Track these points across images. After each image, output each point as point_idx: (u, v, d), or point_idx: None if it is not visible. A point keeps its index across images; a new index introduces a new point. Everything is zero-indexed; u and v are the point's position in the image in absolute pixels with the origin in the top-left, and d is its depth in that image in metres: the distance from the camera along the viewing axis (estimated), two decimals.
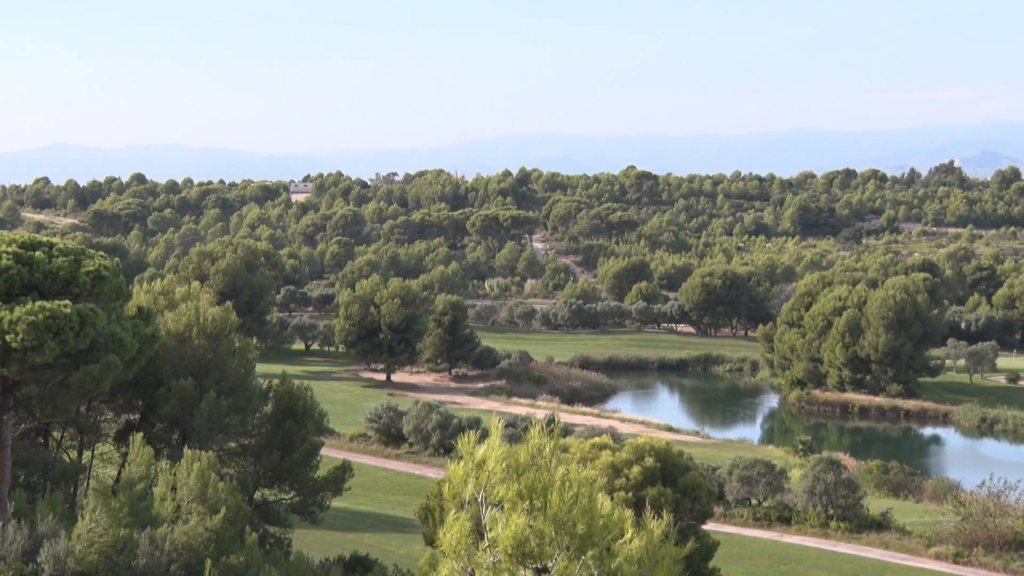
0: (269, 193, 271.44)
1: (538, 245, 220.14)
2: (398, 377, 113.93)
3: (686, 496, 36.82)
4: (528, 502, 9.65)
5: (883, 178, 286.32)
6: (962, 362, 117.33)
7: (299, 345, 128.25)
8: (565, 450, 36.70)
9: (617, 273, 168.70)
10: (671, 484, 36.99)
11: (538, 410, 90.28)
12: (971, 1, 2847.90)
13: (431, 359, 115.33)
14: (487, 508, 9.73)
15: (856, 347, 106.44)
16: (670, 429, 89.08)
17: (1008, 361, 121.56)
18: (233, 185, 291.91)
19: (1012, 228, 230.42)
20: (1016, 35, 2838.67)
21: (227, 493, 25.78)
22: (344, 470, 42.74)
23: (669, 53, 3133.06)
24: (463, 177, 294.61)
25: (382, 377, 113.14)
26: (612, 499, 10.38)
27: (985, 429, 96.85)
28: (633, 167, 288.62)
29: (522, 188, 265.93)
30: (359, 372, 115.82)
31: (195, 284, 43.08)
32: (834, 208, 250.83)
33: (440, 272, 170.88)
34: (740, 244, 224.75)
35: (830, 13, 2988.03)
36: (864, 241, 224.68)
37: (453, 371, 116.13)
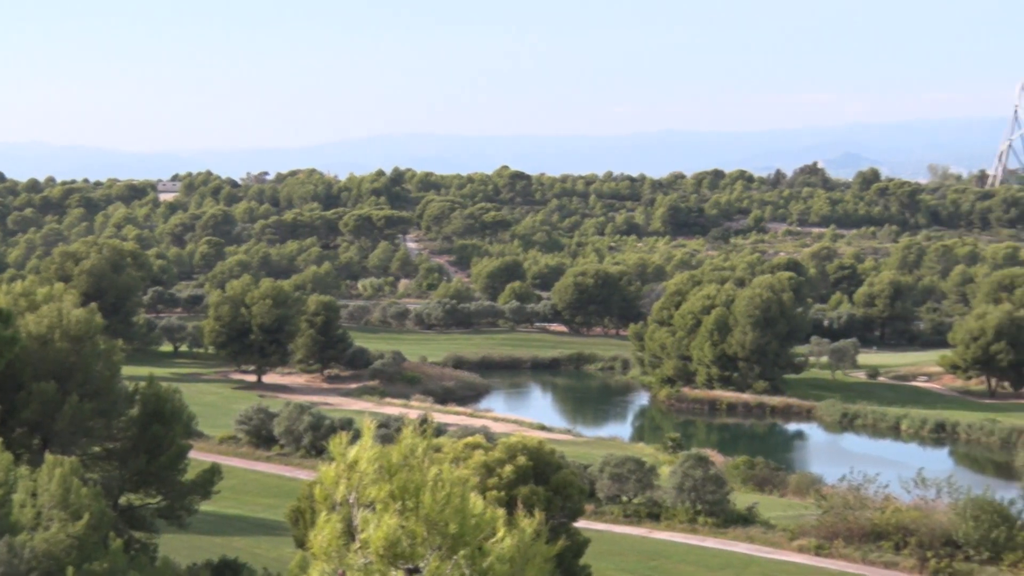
0: (136, 192, 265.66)
1: (412, 245, 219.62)
2: (269, 378, 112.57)
3: (558, 494, 37.15)
4: (400, 503, 9.64)
5: (750, 179, 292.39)
6: (825, 359, 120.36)
7: (167, 347, 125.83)
8: (438, 450, 36.71)
9: (491, 273, 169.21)
10: (543, 482, 37.27)
11: (411, 410, 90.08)
12: (834, 8, 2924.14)
13: (303, 360, 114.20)
14: (359, 509, 9.70)
15: (724, 345, 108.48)
16: (543, 428, 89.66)
17: (868, 358, 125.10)
18: (98, 184, 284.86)
19: (872, 228, 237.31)
20: (875, 40, 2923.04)
21: (90, 498, 25.21)
22: (213, 473, 42.11)
23: (542, 53, 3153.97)
24: (336, 177, 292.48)
25: (253, 379, 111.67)
26: (485, 498, 10.42)
27: (846, 424, 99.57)
28: (506, 167, 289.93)
29: (396, 188, 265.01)
30: (229, 374, 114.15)
31: (58, 285, 42.03)
32: (703, 208, 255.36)
33: (312, 272, 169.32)
34: (612, 244, 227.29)
35: (700, 16, 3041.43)
36: (732, 240, 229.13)
37: (325, 372, 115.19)
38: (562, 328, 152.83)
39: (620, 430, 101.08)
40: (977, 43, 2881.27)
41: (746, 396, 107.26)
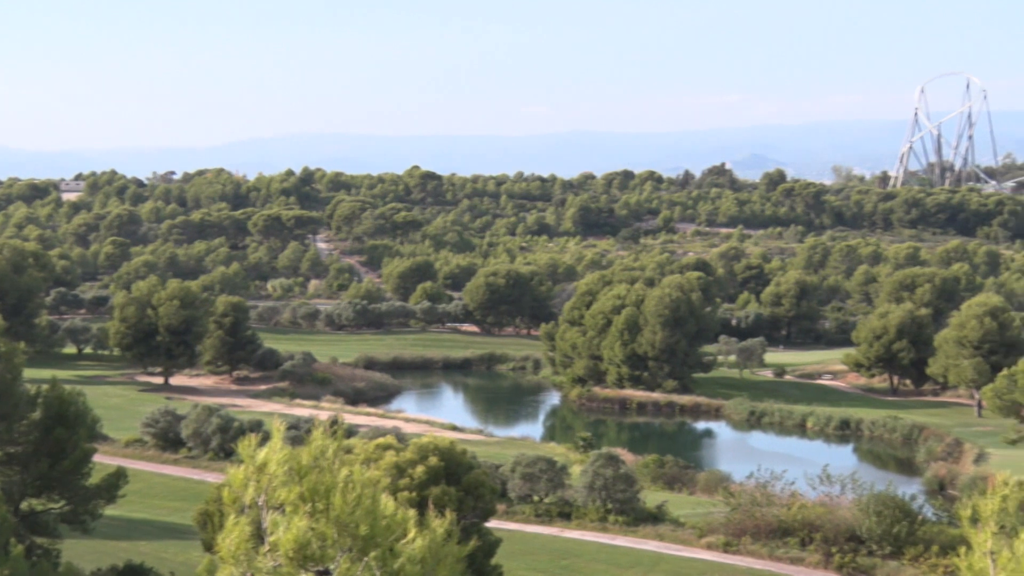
0: (38, 192, 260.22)
1: (322, 245, 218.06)
2: (177, 380, 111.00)
3: (469, 494, 37.14)
4: (310, 504, 9.58)
5: (659, 179, 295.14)
6: (733, 358, 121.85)
7: (71, 349, 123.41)
8: (349, 451, 36.51)
9: (402, 273, 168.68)
10: (455, 483, 37.24)
11: (322, 411, 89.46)
12: (742, 11, 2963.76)
13: (211, 361, 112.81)
14: (268, 512, 9.61)
15: (634, 344, 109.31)
16: (454, 428, 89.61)
17: (775, 356, 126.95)
18: None
19: (779, 228, 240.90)
20: (782, 44, 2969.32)
21: None
22: (118, 477, 41.43)
23: (452, 54, 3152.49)
24: (244, 176, 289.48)
25: (160, 381, 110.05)
26: (396, 499, 10.39)
27: (754, 422, 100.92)
28: (417, 167, 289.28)
29: (305, 188, 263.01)
30: (135, 376, 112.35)
31: None
32: (613, 208, 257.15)
33: (221, 273, 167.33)
34: (523, 244, 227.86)
35: (611, 17, 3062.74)
36: (642, 240, 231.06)
37: (234, 373, 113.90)
38: (474, 328, 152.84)
39: (531, 430, 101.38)
40: (880, 48, 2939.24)
41: (656, 395, 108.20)
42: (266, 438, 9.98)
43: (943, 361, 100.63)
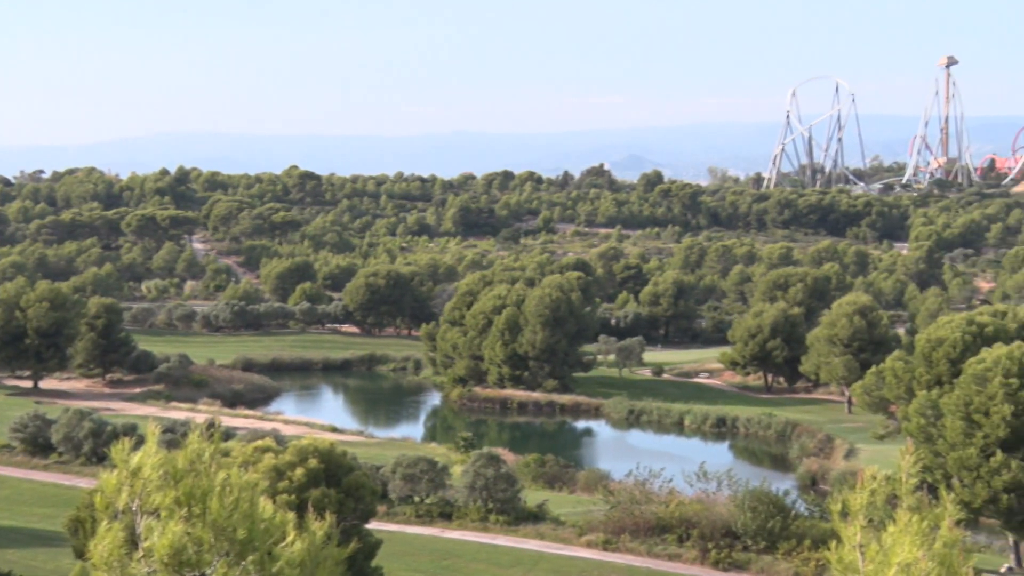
0: None
1: (198, 246, 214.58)
2: (47, 384, 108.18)
3: (350, 496, 36.92)
4: (186, 509, 9.43)
5: (539, 180, 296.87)
6: (612, 357, 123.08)
7: None
8: (226, 454, 35.99)
9: (280, 274, 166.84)
10: (335, 485, 36.99)
11: (198, 414, 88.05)
12: (620, 14, 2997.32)
13: (83, 364, 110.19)
14: (142, 517, 9.43)
15: (515, 344, 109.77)
16: (334, 430, 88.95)
17: (653, 355, 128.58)
18: None
19: (656, 229, 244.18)
20: (658, 46, 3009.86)
21: None
22: None
23: (330, 52, 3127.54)
24: (117, 176, 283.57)
25: (29, 384, 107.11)
26: (275, 502, 10.29)
27: (633, 421, 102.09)
28: (296, 167, 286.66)
29: (181, 187, 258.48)
30: (2, 380, 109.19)
31: None
32: (494, 209, 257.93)
33: (93, 274, 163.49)
34: (404, 244, 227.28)
35: (490, 18, 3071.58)
36: (522, 241, 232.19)
37: (108, 376, 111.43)
38: (354, 329, 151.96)
39: (412, 430, 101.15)
40: (753, 52, 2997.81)
41: (537, 395, 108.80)
42: (140, 442, 9.80)
43: (815, 359, 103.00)
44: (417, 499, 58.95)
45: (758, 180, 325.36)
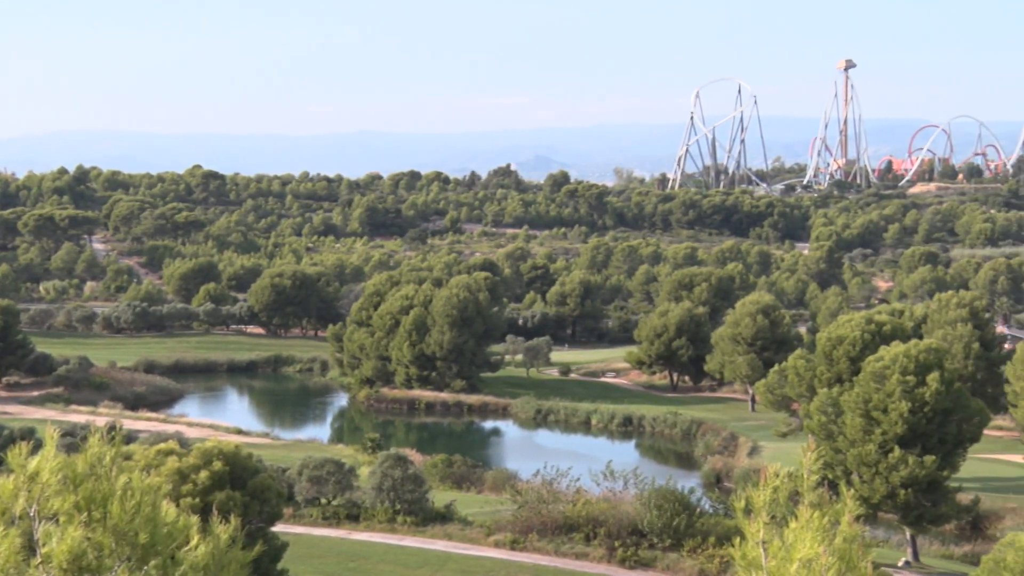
0: None
1: (99, 246, 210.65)
2: None
3: (255, 499, 36.54)
4: (86, 514, 9.26)
5: (446, 180, 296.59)
6: (520, 357, 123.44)
7: None
8: (128, 458, 35.41)
9: (184, 274, 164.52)
10: (240, 487, 36.58)
11: (99, 417, 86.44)
12: (524, 14, 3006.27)
13: None
14: (40, 522, 9.24)
15: (423, 345, 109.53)
16: (239, 432, 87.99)
17: (561, 355, 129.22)
18: None
19: (563, 229, 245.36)
20: (564, 47, 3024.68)
21: None
22: None
23: (233, 50, 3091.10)
24: (13, 175, 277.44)
25: None
26: (179, 506, 10.16)
27: (540, 420, 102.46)
28: (199, 166, 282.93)
29: (80, 187, 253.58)
30: None
31: None
32: (401, 209, 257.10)
33: None
34: (310, 244, 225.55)
35: (395, 17, 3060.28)
36: (429, 241, 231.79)
37: (4, 380, 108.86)
38: (259, 330, 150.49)
39: (319, 432, 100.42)
40: (657, 53, 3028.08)
41: (444, 395, 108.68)
42: (39, 446, 9.60)
43: (719, 358, 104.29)
44: (324, 501, 58.52)
45: (663, 181, 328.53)
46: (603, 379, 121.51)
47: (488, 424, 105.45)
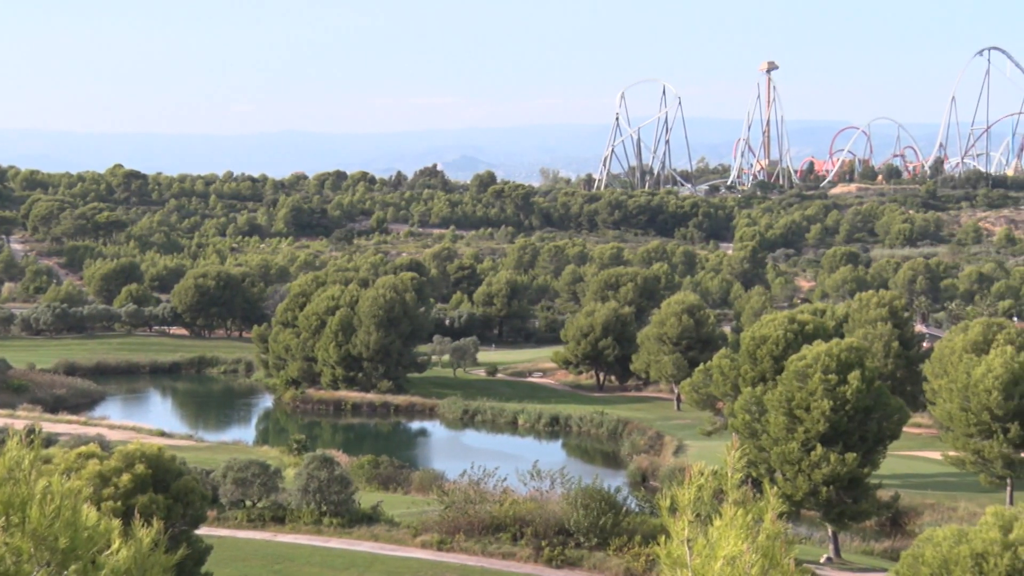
0: None
1: (17, 246, 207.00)
2: None
3: (178, 502, 36.14)
4: (4, 518, 9.12)
5: (372, 180, 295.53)
6: (447, 357, 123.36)
7: None
8: (48, 461, 34.89)
9: (105, 275, 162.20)
10: (163, 490, 36.16)
11: (18, 420, 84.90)
12: (451, 14, 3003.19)
13: None
14: None
15: (349, 345, 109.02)
16: (163, 434, 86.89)
17: (488, 355, 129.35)
18: None
19: (489, 229, 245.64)
20: (489, 47, 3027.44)
21: None
22: None
23: (153, 48, 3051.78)
24: None
25: None
26: (100, 509, 10.01)
27: (467, 420, 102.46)
28: (120, 166, 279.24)
29: None
30: None
31: None
32: (326, 209, 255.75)
33: None
34: (234, 245, 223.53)
35: (317, 17, 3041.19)
36: (356, 241, 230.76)
37: None
38: (183, 331, 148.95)
39: (244, 434, 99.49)
40: (582, 54, 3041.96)
41: (371, 396, 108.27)
42: None
43: (645, 357, 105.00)
44: (249, 503, 58.02)
45: (589, 181, 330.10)
46: (530, 379, 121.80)
47: (415, 425, 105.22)
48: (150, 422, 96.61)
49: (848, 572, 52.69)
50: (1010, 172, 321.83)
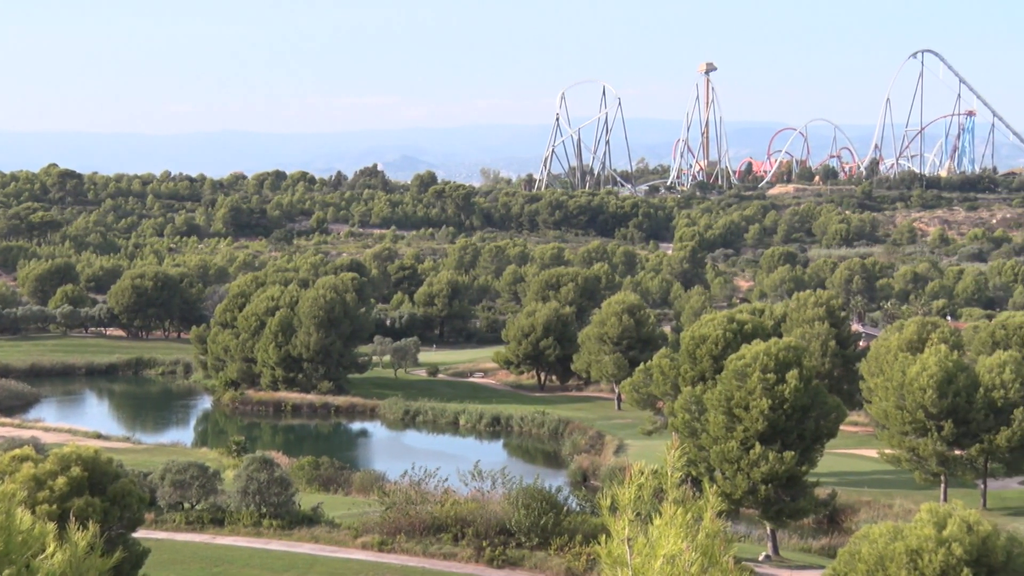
0: None
1: None
2: None
3: (115, 504, 35.72)
4: None
5: (312, 180, 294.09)
6: (387, 358, 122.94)
7: None
8: None
9: (39, 276, 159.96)
10: (100, 493, 35.73)
11: None
12: (390, 14, 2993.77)
13: None
14: None
15: (289, 346, 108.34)
16: (99, 436, 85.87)
17: (429, 356, 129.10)
18: None
19: (430, 229, 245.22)
20: (429, 47, 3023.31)
21: None
22: None
23: (85, 46, 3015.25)
24: None
25: None
26: (34, 513, 9.90)
27: (408, 421, 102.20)
28: (55, 165, 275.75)
29: None
30: None
31: None
32: (265, 209, 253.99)
33: None
34: (172, 245, 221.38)
35: (256, 16, 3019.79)
36: (295, 242, 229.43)
37: None
38: (120, 332, 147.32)
39: (182, 435, 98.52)
40: (523, 55, 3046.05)
41: (311, 397, 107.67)
42: None
43: (586, 357, 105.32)
44: (187, 505, 57.49)
45: (530, 182, 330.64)
46: (471, 379, 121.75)
47: (356, 425, 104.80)
48: (86, 424, 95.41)
49: (786, 570, 53.18)
50: (943, 173, 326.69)
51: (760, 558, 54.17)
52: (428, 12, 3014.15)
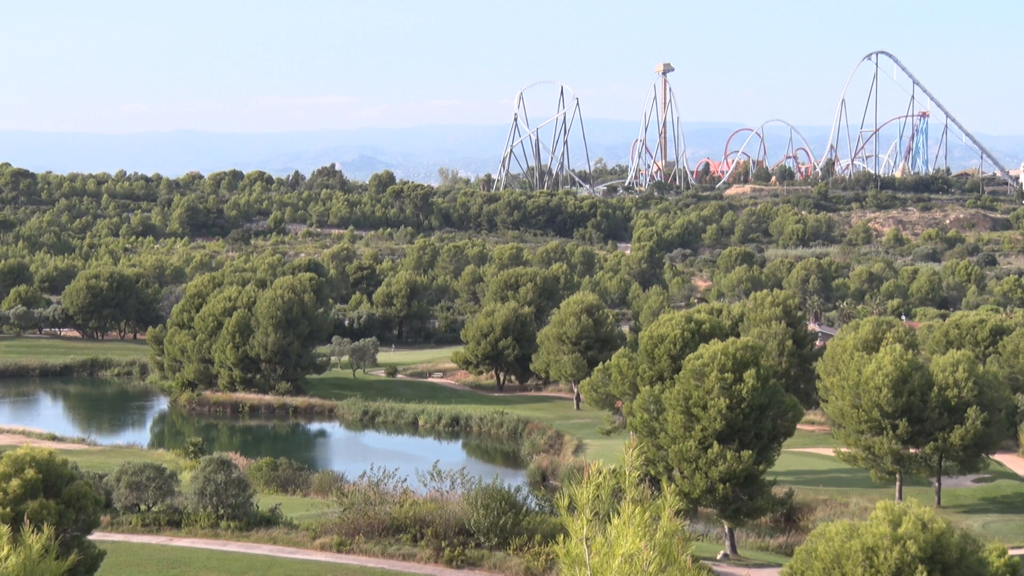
0: None
1: None
2: None
3: (70, 507, 35.40)
4: None
5: (269, 180, 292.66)
6: (346, 358, 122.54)
7: None
8: None
9: None
10: (54, 495, 35.39)
11: None
12: (345, 13, 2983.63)
13: None
14: None
15: (247, 347, 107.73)
16: (54, 438, 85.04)
17: (387, 356, 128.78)
18: None
19: (389, 229, 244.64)
20: (386, 46, 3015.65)
21: None
22: None
23: (37, 43, 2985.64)
24: None
25: None
26: None
27: (367, 421, 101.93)
28: (8, 164, 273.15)
29: None
30: None
31: None
32: (223, 209, 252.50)
33: None
34: (127, 245, 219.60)
35: (212, 13, 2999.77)
36: (253, 242, 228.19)
37: None
38: (75, 333, 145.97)
39: (139, 437, 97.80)
40: (482, 54, 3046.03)
41: (269, 397, 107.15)
42: None
43: (545, 357, 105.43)
44: (144, 507, 57.05)
45: (488, 182, 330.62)
46: (430, 379, 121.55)
47: (314, 426, 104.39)
48: (40, 426, 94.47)
49: (744, 568, 53.48)
50: (898, 174, 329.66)
51: (718, 557, 54.44)
52: (384, 12, 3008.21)
